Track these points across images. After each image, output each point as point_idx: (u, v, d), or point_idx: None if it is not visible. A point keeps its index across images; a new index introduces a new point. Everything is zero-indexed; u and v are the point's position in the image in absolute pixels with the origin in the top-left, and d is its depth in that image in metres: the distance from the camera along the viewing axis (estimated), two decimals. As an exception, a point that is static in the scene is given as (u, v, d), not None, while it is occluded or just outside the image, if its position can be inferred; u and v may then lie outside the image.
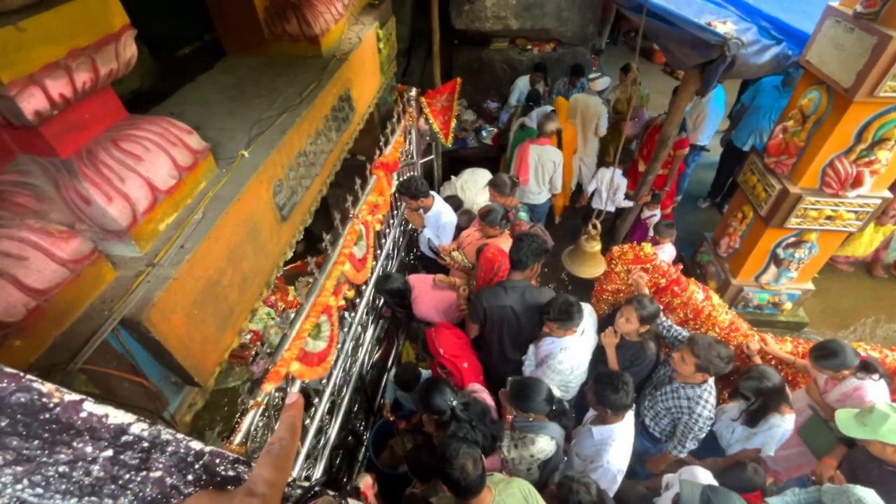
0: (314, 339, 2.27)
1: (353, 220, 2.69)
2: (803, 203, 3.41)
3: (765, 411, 2.37)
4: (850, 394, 2.40)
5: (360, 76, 3.01)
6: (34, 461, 0.35)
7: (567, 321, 2.48)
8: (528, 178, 4.46)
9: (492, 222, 3.10)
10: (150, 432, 0.40)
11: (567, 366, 2.60)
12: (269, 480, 0.38)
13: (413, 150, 4.01)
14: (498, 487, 1.84)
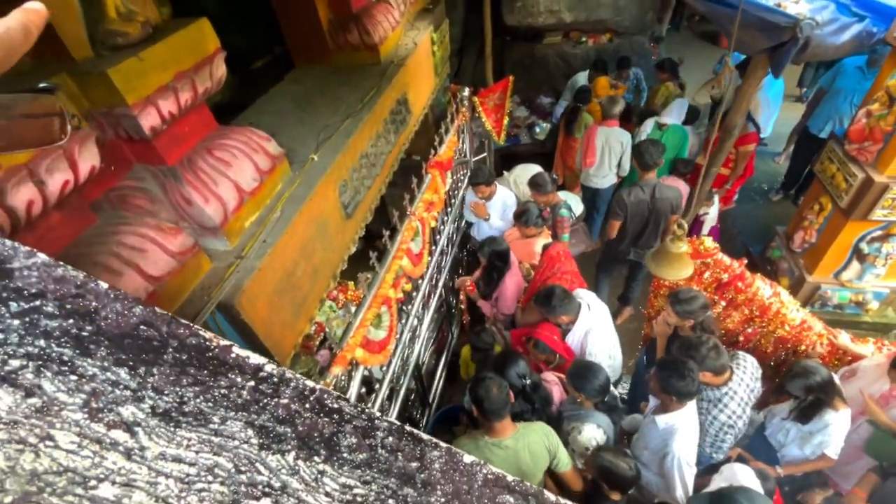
0: (375, 328, 2.45)
1: (410, 217, 2.85)
2: (891, 192, 3.13)
3: (818, 407, 2.26)
4: None
5: (416, 79, 3.15)
6: (205, 384, 0.48)
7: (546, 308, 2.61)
8: (594, 160, 4.44)
9: (526, 222, 3.16)
10: (277, 371, 0.52)
11: (601, 347, 2.66)
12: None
13: (466, 149, 4.11)
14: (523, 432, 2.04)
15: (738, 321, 2.90)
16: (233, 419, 0.47)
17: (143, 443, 0.43)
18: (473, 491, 0.53)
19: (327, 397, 0.53)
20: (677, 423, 2.22)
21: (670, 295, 2.61)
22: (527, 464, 2.02)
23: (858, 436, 2.46)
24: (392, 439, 0.53)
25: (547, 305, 2.66)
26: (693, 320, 2.59)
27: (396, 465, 0.51)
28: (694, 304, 2.53)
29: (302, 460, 0.48)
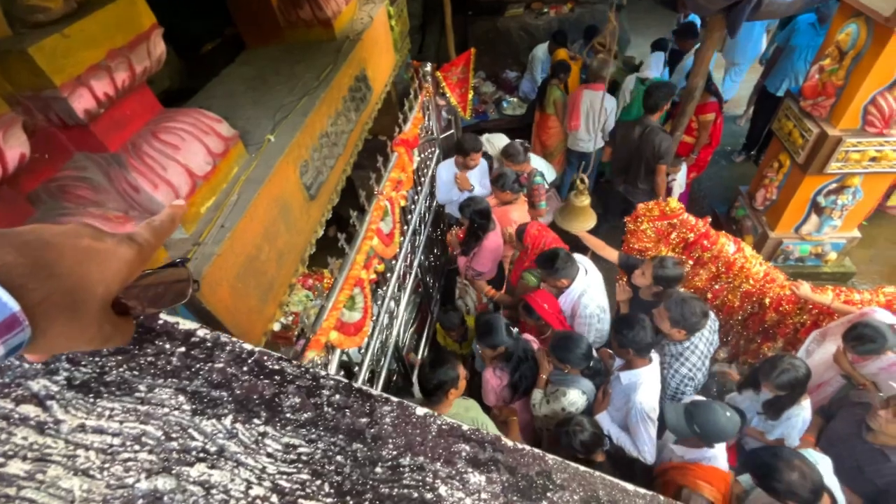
0: (349, 310, 2.42)
1: (377, 196, 2.80)
2: (844, 146, 3.24)
3: (790, 403, 2.24)
4: (889, 367, 2.27)
5: (375, 55, 3.06)
6: (129, 353, 0.45)
7: (551, 270, 2.61)
8: (579, 124, 4.46)
9: (502, 187, 3.14)
10: (211, 335, 0.50)
11: (593, 308, 2.69)
12: (148, 239, 0.45)
13: (433, 126, 4.05)
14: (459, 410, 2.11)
15: (705, 279, 2.99)
16: (161, 386, 0.45)
17: (58, 416, 0.40)
18: (427, 442, 0.52)
19: (267, 359, 0.50)
20: (640, 378, 2.28)
21: (654, 258, 2.63)
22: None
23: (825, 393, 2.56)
24: (339, 397, 0.51)
25: (549, 268, 2.68)
26: (662, 288, 2.64)
27: (344, 421, 0.49)
28: (673, 272, 2.57)
29: (241, 423, 0.45)
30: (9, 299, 0.34)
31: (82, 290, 0.38)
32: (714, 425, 1.87)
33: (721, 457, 1.99)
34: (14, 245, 0.37)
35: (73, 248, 0.39)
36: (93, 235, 0.41)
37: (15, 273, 0.35)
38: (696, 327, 2.36)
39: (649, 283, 2.61)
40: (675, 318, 2.35)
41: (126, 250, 0.42)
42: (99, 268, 0.40)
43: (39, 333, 0.36)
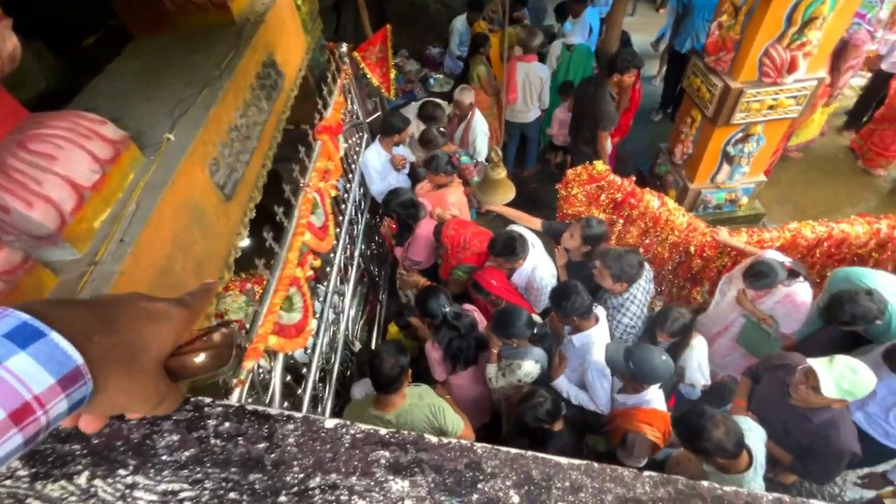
0: (287, 311, 2.30)
1: (304, 189, 2.65)
2: (745, 97, 3.46)
3: (684, 345, 2.47)
4: (783, 300, 2.51)
5: (282, 38, 2.86)
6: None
7: (512, 256, 2.60)
8: (516, 97, 4.46)
9: (436, 169, 3.09)
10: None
11: (547, 278, 2.77)
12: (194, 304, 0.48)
13: (357, 110, 3.89)
14: (414, 400, 2.07)
15: (636, 235, 3.13)
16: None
17: None
18: (339, 456, 0.47)
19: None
20: (592, 338, 2.38)
21: (579, 220, 2.71)
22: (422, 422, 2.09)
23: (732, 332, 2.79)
24: (229, 424, 0.45)
25: (510, 255, 2.67)
26: (591, 247, 2.73)
27: (237, 451, 0.43)
28: (598, 230, 2.65)
29: (100, 479, 0.38)
30: (73, 352, 0.34)
31: (139, 346, 0.40)
32: (648, 364, 1.98)
33: (658, 399, 2.12)
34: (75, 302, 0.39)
35: (129, 306, 0.42)
36: (147, 297, 0.45)
37: (80, 326, 0.36)
38: (634, 278, 2.48)
39: (578, 245, 2.68)
40: (615, 274, 2.45)
41: (176, 311, 0.45)
42: (152, 326, 0.42)
43: (99, 388, 0.36)
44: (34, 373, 0.32)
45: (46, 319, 0.34)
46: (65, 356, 0.34)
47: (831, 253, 3.10)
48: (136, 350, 0.40)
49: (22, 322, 0.33)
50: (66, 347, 0.34)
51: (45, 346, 0.33)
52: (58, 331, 0.34)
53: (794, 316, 2.52)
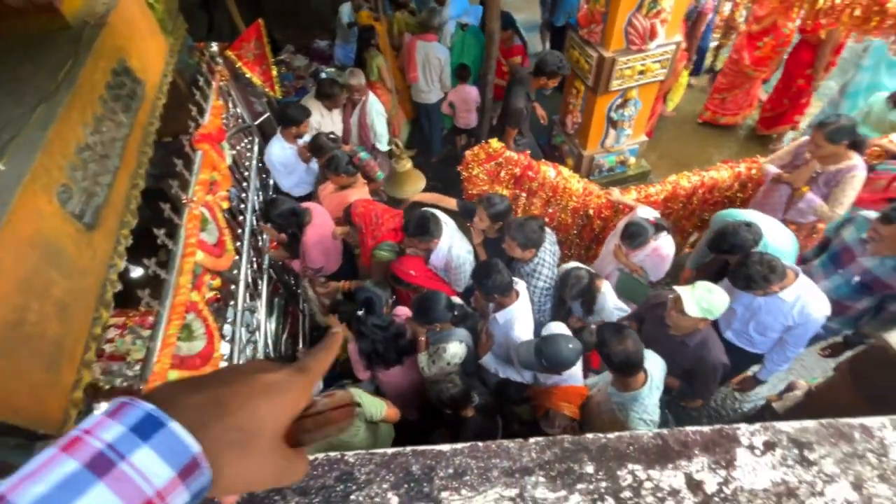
0: (187, 341, 2.11)
1: (188, 205, 2.42)
2: (618, 65, 3.73)
3: (592, 298, 2.67)
4: (651, 253, 2.76)
5: (134, 41, 2.54)
6: None
7: (426, 235, 2.59)
8: (416, 76, 4.43)
9: (336, 170, 2.99)
10: None
11: (464, 255, 2.82)
12: (314, 368, 0.46)
13: (241, 112, 3.62)
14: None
15: (539, 206, 3.27)
16: None
17: None
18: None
19: None
20: (514, 313, 2.46)
21: (481, 200, 2.77)
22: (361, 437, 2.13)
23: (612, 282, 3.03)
24: None
25: (425, 234, 2.65)
26: (501, 223, 2.81)
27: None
28: (502, 206, 2.72)
29: None
30: (191, 441, 0.34)
31: (253, 428, 0.39)
32: (558, 356, 2.07)
33: (576, 375, 2.24)
34: (193, 384, 0.39)
35: (245, 382, 0.40)
36: (266, 368, 0.43)
37: (197, 412, 0.36)
38: (539, 242, 2.59)
39: (488, 223, 2.75)
40: (522, 242, 2.54)
41: (295, 380, 0.43)
42: (268, 402, 0.40)
43: (217, 475, 0.36)
44: (156, 466, 0.32)
45: (167, 408, 0.34)
46: (183, 446, 0.34)
47: (706, 198, 3.47)
48: (250, 433, 0.39)
49: (146, 413, 0.34)
50: (184, 437, 0.34)
51: (165, 437, 0.33)
52: (177, 419, 0.34)
53: (661, 266, 2.81)
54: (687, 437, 0.81)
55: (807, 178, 2.80)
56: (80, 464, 0.31)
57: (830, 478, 0.93)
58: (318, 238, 2.93)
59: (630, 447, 0.73)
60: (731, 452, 0.83)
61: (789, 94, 4.65)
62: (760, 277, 2.14)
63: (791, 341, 2.37)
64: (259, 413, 0.39)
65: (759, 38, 4.52)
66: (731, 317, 2.48)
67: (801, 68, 4.45)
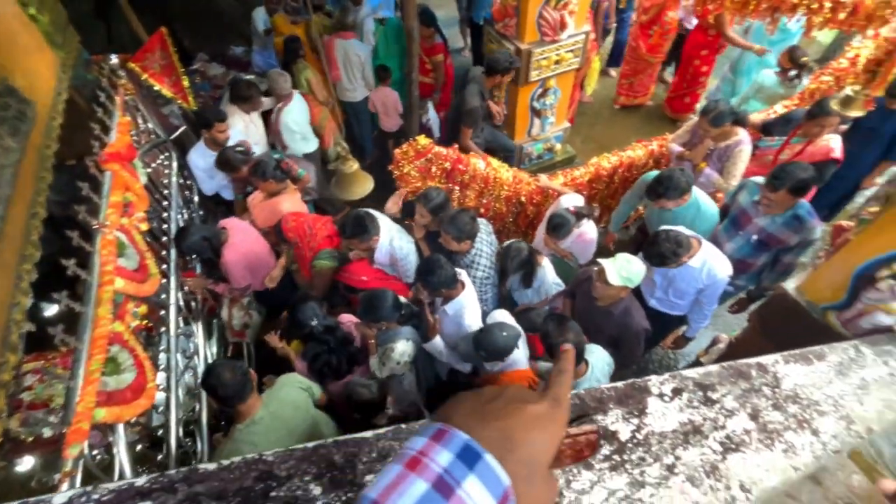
0: (114, 374, 1.97)
1: (101, 230, 2.26)
2: (534, 56, 3.88)
3: (532, 272, 2.78)
4: (577, 239, 2.93)
5: (17, 58, 2.32)
6: None
7: (364, 234, 2.60)
8: (339, 74, 4.39)
9: (264, 176, 2.90)
10: None
11: (406, 247, 2.85)
12: (566, 395, 0.47)
13: (153, 127, 3.41)
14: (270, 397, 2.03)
15: (473, 197, 3.35)
16: None
17: None
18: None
19: None
20: (463, 303, 2.51)
21: (419, 196, 2.79)
22: (292, 416, 2.03)
23: None
24: None
25: (363, 233, 2.63)
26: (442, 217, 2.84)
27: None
28: (439, 199, 2.75)
29: None
30: (503, 474, 0.37)
31: (536, 462, 0.41)
32: (495, 345, 2.14)
33: (520, 359, 2.30)
34: (476, 415, 0.42)
35: (518, 415, 0.42)
36: (528, 398, 0.45)
37: (496, 445, 0.39)
38: (473, 233, 2.65)
39: (429, 218, 2.79)
40: (456, 235, 2.59)
41: (557, 412, 0.45)
42: (542, 434, 0.42)
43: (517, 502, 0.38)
44: (482, 496, 0.35)
45: (477, 440, 0.38)
46: (497, 479, 0.37)
47: (626, 176, 3.72)
48: (533, 466, 0.41)
49: (465, 443, 0.38)
50: (497, 470, 0.37)
51: (484, 468, 0.37)
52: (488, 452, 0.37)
53: (587, 250, 3.00)
54: (602, 393, 0.89)
55: (703, 155, 3.09)
56: (428, 485, 0.35)
57: (731, 412, 1.06)
58: (240, 255, 2.79)
59: (549, 410, 0.79)
60: (642, 402, 0.92)
61: (688, 75, 5.06)
62: (671, 253, 2.33)
63: (705, 301, 2.62)
64: (537, 447, 0.42)
65: (648, 27, 4.89)
66: (653, 287, 2.69)
67: (696, 50, 4.86)
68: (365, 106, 4.72)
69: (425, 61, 4.80)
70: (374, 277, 2.88)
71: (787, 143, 3.07)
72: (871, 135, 3.34)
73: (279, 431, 1.95)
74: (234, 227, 2.86)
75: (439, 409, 0.45)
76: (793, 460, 1.00)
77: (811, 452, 1.06)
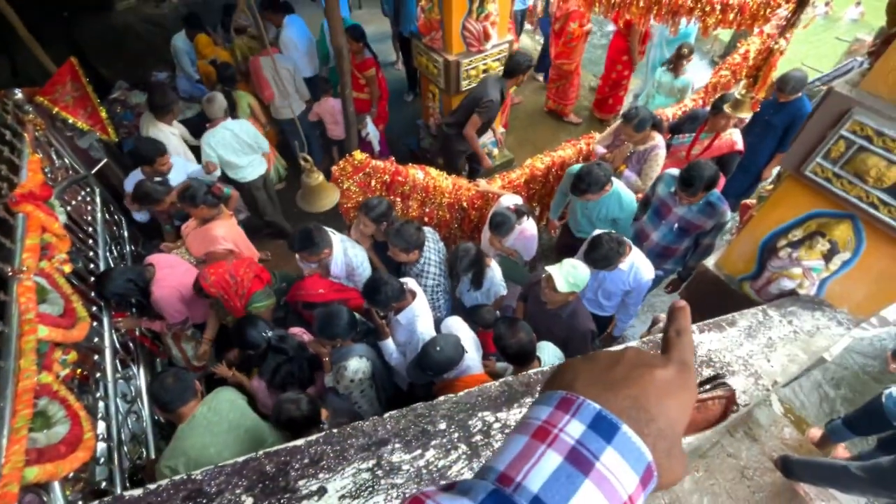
0: (43, 429, 1.85)
1: (16, 278, 2.11)
2: (463, 66, 4.02)
3: (480, 272, 2.83)
4: (519, 236, 3.05)
5: None
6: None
7: (313, 248, 2.61)
8: (272, 92, 4.27)
9: (193, 201, 2.81)
10: None
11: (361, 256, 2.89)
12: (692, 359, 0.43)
13: (69, 163, 3.21)
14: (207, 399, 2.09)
15: (416, 207, 3.41)
16: None
17: None
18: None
19: None
20: (415, 312, 2.54)
21: (360, 207, 2.81)
22: (229, 409, 2.08)
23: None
24: None
25: (311, 247, 2.62)
26: (386, 223, 2.87)
27: None
28: (382, 207, 2.78)
29: None
30: (644, 449, 0.34)
31: (674, 432, 0.38)
32: (435, 362, 2.15)
33: (473, 364, 2.35)
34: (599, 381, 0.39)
35: (648, 380, 0.39)
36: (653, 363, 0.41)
37: (633, 417, 0.35)
38: (419, 242, 2.70)
39: (373, 227, 2.81)
40: (403, 247, 2.64)
41: (687, 376, 0.41)
42: (676, 402, 0.39)
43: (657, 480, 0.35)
44: (623, 471, 0.32)
45: (608, 410, 0.35)
46: (639, 453, 0.34)
47: (559, 175, 3.91)
48: (672, 436, 0.37)
49: (597, 412, 0.35)
50: (638, 443, 0.34)
51: (622, 441, 0.33)
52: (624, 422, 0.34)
53: (529, 245, 3.12)
54: (530, 378, 0.96)
55: (623, 158, 3.33)
56: (562, 458, 0.32)
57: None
58: (171, 289, 2.68)
59: (479, 398, 0.84)
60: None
61: (611, 79, 5.40)
62: (615, 254, 2.44)
63: (631, 302, 2.81)
64: (672, 415, 0.38)
65: (559, 36, 5.16)
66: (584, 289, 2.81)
67: (619, 55, 5.20)
68: (306, 117, 4.66)
69: (358, 77, 4.84)
70: (330, 289, 2.85)
71: (696, 139, 3.36)
72: (766, 127, 3.74)
73: (219, 425, 2.00)
74: (159, 262, 2.74)
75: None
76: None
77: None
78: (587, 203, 2.96)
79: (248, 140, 3.73)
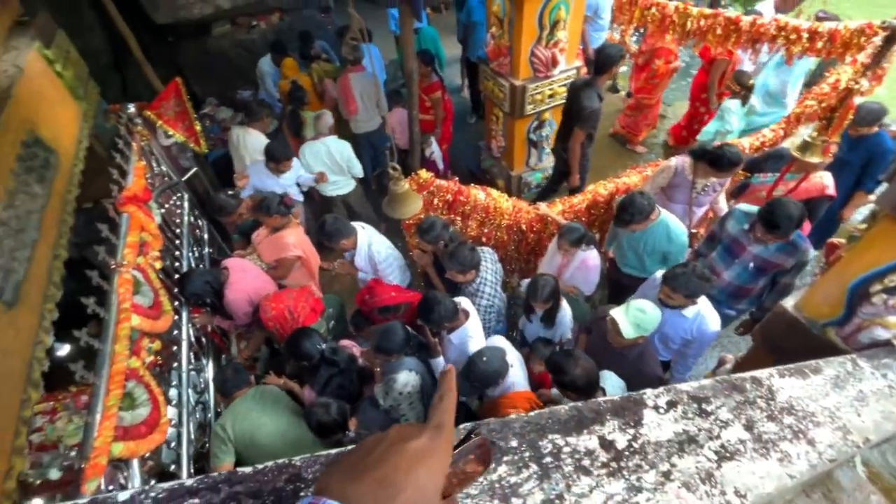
0: (129, 410, 2.02)
1: (118, 270, 2.35)
2: (528, 91, 4.07)
3: (556, 308, 2.72)
4: (580, 265, 2.98)
5: (43, 111, 2.50)
6: None
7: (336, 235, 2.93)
8: (356, 107, 4.57)
9: (267, 211, 3.02)
10: None
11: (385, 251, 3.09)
12: (449, 422, 0.46)
13: (166, 170, 3.57)
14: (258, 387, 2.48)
15: (475, 227, 3.45)
16: None
17: None
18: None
19: None
20: (468, 332, 2.56)
21: (416, 231, 2.90)
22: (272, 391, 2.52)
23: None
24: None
25: (337, 233, 2.83)
26: (442, 241, 2.94)
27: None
28: (436, 229, 2.86)
29: None
30: None
31: (422, 498, 0.40)
32: (480, 374, 2.16)
33: (518, 381, 2.32)
34: (350, 471, 0.41)
35: (398, 455, 0.41)
36: (408, 435, 0.43)
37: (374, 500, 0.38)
38: (475, 263, 2.72)
39: (431, 248, 2.88)
40: (459, 269, 2.67)
41: (441, 442, 0.44)
42: (427, 470, 0.41)
43: None
44: None
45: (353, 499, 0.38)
46: None
47: (622, 202, 3.81)
48: (424, 500, 0.40)
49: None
50: None
51: None
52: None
53: (590, 277, 3.00)
54: (599, 406, 0.94)
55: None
56: None
57: (725, 423, 1.10)
58: (242, 293, 2.87)
59: (549, 420, 0.85)
60: (638, 414, 0.97)
61: (692, 114, 5.21)
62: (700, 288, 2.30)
63: (690, 353, 2.61)
64: (421, 484, 0.40)
65: (642, 70, 5.05)
66: None
67: (699, 91, 5.00)
68: (381, 132, 4.91)
69: (424, 99, 5.03)
70: (398, 291, 2.96)
71: (780, 179, 3.14)
72: (842, 165, 3.45)
73: (263, 401, 2.38)
74: (233, 267, 2.96)
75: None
76: (788, 468, 1.04)
77: (807, 461, 1.09)
78: (633, 234, 2.85)
79: (340, 161, 4.01)
